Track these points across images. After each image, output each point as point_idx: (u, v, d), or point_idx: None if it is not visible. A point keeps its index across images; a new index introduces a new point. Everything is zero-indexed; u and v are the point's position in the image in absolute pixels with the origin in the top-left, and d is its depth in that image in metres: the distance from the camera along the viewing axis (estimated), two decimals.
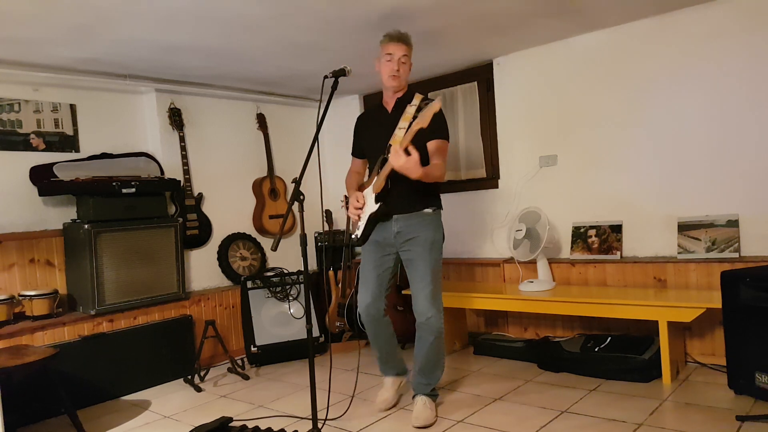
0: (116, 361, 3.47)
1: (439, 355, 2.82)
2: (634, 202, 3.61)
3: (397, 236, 2.77)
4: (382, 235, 2.81)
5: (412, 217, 2.75)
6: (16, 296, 3.37)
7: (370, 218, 2.77)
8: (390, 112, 2.84)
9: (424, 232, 2.74)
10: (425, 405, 2.76)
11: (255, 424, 2.64)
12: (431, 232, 2.76)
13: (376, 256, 2.84)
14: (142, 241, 3.69)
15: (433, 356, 2.79)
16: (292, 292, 4.20)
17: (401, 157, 2.45)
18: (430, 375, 2.84)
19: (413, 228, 2.75)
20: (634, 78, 3.57)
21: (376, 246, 2.84)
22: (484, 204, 4.29)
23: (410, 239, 2.75)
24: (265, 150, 4.73)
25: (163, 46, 3.33)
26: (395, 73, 2.75)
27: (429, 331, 2.73)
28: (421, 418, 2.70)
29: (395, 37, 2.74)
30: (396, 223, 2.77)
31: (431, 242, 2.75)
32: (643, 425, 2.52)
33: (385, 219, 2.78)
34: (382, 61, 2.77)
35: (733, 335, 2.74)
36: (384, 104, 2.89)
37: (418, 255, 2.74)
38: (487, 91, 4.27)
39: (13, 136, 3.52)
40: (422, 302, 2.72)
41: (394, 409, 2.94)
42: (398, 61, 2.73)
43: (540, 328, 3.94)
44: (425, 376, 2.84)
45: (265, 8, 2.86)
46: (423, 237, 2.74)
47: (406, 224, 2.75)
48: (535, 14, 3.27)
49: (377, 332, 2.88)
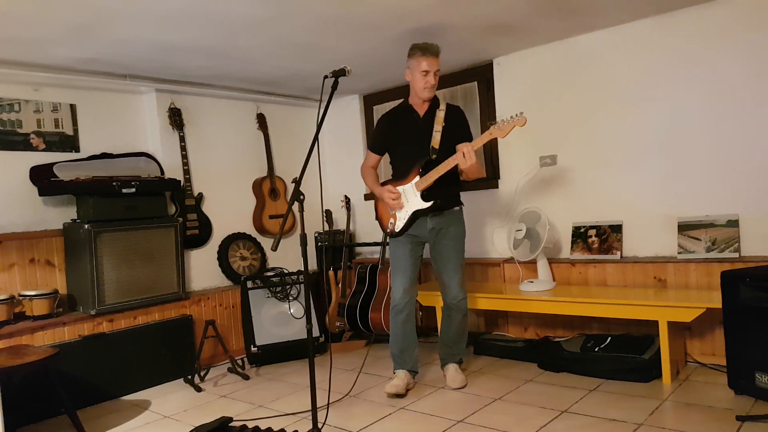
0: (116, 361, 3.47)
1: (465, 329, 3.28)
2: (634, 202, 3.61)
3: (431, 231, 3.09)
4: (418, 230, 3.10)
5: (446, 214, 3.09)
6: (16, 296, 3.37)
7: (415, 213, 3.05)
8: (423, 116, 3.11)
9: (455, 227, 3.12)
10: (458, 370, 3.24)
11: (255, 424, 2.64)
12: (461, 227, 3.16)
13: (410, 246, 3.13)
14: (142, 241, 3.69)
15: (461, 330, 3.25)
16: (292, 292, 4.20)
17: (473, 158, 2.83)
18: (458, 346, 3.28)
19: (447, 223, 3.10)
20: (634, 78, 3.57)
21: (411, 238, 3.13)
22: (484, 204, 4.29)
23: (444, 234, 3.10)
24: (265, 150, 4.72)
25: (163, 46, 3.33)
26: (432, 87, 3.01)
27: (458, 310, 3.17)
28: (457, 380, 3.18)
29: (431, 51, 2.97)
30: (431, 219, 3.07)
31: (461, 234, 3.15)
32: (643, 425, 2.52)
33: (423, 215, 3.05)
34: (415, 74, 3.00)
35: (733, 335, 2.74)
36: (413, 107, 3.14)
37: (451, 247, 3.11)
38: (487, 90, 4.27)
39: (13, 136, 3.52)
40: (455, 287, 3.14)
41: (394, 409, 2.94)
42: (434, 75, 2.99)
43: (540, 328, 3.94)
44: (454, 347, 3.27)
45: (265, 8, 2.86)
46: (454, 231, 3.12)
47: (441, 220, 3.08)
48: (535, 14, 3.27)
49: (405, 322, 3.14)
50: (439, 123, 3.03)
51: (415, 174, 3.04)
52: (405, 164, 3.11)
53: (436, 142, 3.02)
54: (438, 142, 3.02)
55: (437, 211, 3.05)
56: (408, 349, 3.19)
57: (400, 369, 3.20)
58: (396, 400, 3.05)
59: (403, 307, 3.13)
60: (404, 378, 3.15)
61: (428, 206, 3.02)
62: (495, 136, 2.83)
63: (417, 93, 3.07)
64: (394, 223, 3.13)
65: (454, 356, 3.29)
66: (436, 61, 2.98)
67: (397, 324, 3.16)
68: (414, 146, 3.08)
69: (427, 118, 3.09)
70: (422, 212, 3.04)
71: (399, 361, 3.21)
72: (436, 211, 3.05)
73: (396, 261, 3.16)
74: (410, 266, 3.13)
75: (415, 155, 3.06)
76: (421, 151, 3.05)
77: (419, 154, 3.05)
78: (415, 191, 3.04)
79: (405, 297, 3.12)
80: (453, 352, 3.29)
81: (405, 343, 3.18)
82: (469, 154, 2.83)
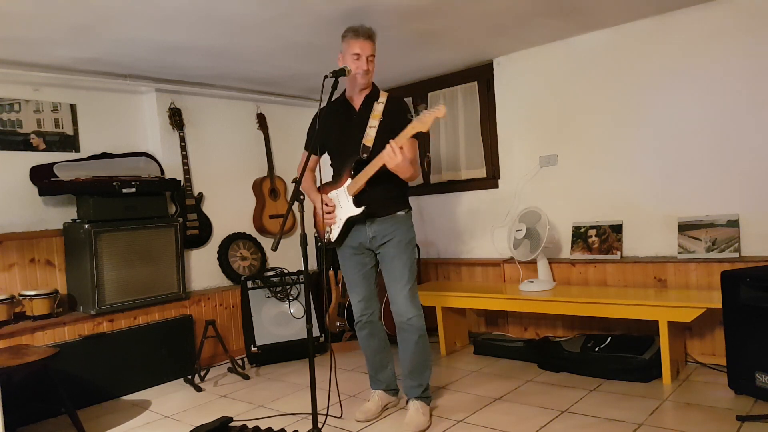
0: (116, 361, 3.47)
1: (425, 354, 2.75)
2: (635, 202, 3.61)
3: (372, 240, 2.72)
4: (357, 240, 2.75)
5: (387, 220, 2.70)
6: (16, 296, 3.37)
7: (348, 221, 2.70)
8: (358, 109, 2.75)
9: (398, 234, 2.70)
10: (418, 410, 2.70)
11: (255, 423, 2.64)
12: (405, 233, 2.72)
13: (355, 259, 2.80)
14: (143, 241, 3.69)
15: (419, 356, 2.73)
16: (292, 292, 4.20)
17: (398, 156, 2.45)
18: (420, 376, 2.76)
19: (388, 230, 2.70)
20: (634, 78, 3.57)
21: (351, 250, 2.79)
22: (484, 204, 4.29)
23: (386, 242, 2.71)
24: (265, 150, 4.73)
25: (163, 46, 3.33)
26: (365, 72, 2.65)
27: (411, 331, 2.70)
28: (412, 424, 2.64)
29: (362, 34, 2.63)
30: (371, 227, 2.71)
31: (406, 242, 2.72)
32: (643, 425, 2.51)
33: (360, 222, 2.72)
34: (347, 58, 2.66)
35: (733, 335, 2.74)
36: (349, 100, 2.78)
37: (394, 256, 2.70)
38: (487, 91, 4.27)
39: (13, 136, 3.52)
40: (402, 303, 2.68)
41: (394, 409, 2.94)
42: (367, 60, 2.64)
43: (540, 328, 3.94)
44: (415, 378, 2.76)
45: (265, 8, 2.86)
46: (398, 238, 2.70)
47: (381, 227, 2.70)
48: (535, 14, 3.27)
49: (370, 337, 2.86)
50: (376, 118, 2.64)
51: (347, 176, 2.69)
52: (340, 165, 2.78)
53: (369, 140, 2.64)
54: (372, 140, 2.63)
55: (373, 216, 2.69)
56: (381, 368, 2.91)
57: (374, 390, 2.94)
58: (396, 400, 3.05)
59: (363, 324, 2.84)
60: (378, 401, 2.89)
61: (359, 212, 2.66)
62: (417, 129, 2.45)
63: (351, 82, 2.71)
64: (330, 231, 2.79)
65: (415, 390, 2.75)
66: (369, 45, 2.64)
67: (361, 340, 2.88)
68: (348, 145, 2.70)
69: (362, 113, 2.72)
70: (356, 219, 2.69)
71: (373, 381, 2.94)
72: (372, 217, 2.69)
73: (345, 276, 2.86)
74: (361, 280, 2.81)
75: (350, 154, 2.70)
76: (356, 149, 2.68)
77: (353, 153, 2.69)
78: (347, 196, 2.69)
79: (363, 312, 2.82)
80: (413, 384, 2.76)
81: (376, 361, 2.90)
82: (393, 152, 2.45)
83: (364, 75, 2.65)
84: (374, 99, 2.70)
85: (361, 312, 2.83)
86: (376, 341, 2.87)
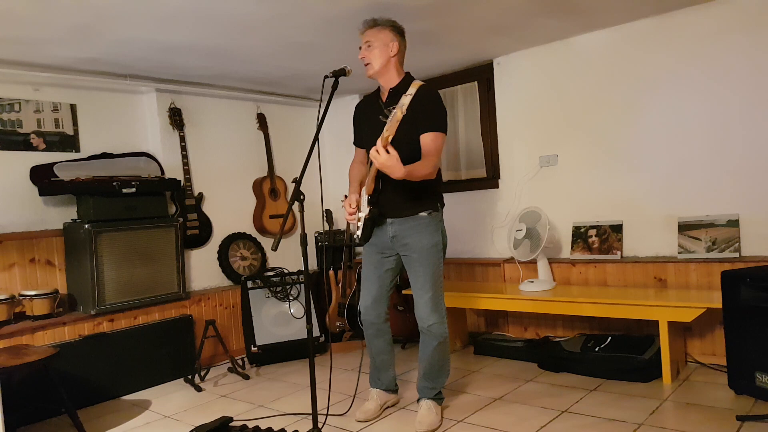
0: (116, 361, 3.47)
1: (444, 360, 2.74)
2: (635, 202, 3.61)
3: (393, 240, 2.67)
4: (379, 239, 2.70)
5: (407, 221, 2.62)
6: (16, 296, 3.37)
7: (366, 221, 2.62)
8: (385, 102, 2.67)
9: (419, 237, 2.61)
10: (430, 409, 2.70)
11: (255, 423, 2.64)
12: (428, 237, 2.62)
13: (376, 257, 2.75)
14: (143, 241, 3.69)
15: (437, 361, 2.72)
16: (292, 291, 4.20)
17: (381, 155, 2.27)
18: (435, 379, 2.76)
19: (407, 232, 2.63)
20: (634, 78, 3.57)
21: (375, 248, 2.75)
22: (484, 204, 4.29)
23: (406, 244, 2.64)
24: (265, 150, 4.73)
25: (163, 46, 3.33)
26: (363, 61, 2.64)
27: (431, 336, 2.67)
28: (425, 422, 2.64)
29: (363, 24, 2.65)
30: (391, 227, 2.65)
31: (429, 247, 2.61)
32: (644, 425, 2.52)
33: (380, 222, 2.67)
34: None
35: (733, 335, 2.74)
36: (380, 93, 2.74)
37: (416, 260, 2.63)
38: (488, 90, 4.27)
39: (13, 135, 3.52)
40: (423, 309, 2.64)
41: (394, 409, 2.94)
42: (368, 48, 2.62)
43: (540, 328, 3.94)
44: (430, 381, 2.76)
45: (265, 8, 2.86)
46: (419, 242, 2.61)
47: (401, 228, 2.63)
48: (535, 14, 3.27)
49: (375, 337, 2.84)
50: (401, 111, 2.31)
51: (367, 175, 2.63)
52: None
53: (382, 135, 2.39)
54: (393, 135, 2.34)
55: (386, 217, 2.63)
56: (383, 369, 2.89)
57: (373, 388, 2.92)
58: (395, 398, 3.05)
59: (369, 324, 2.80)
60: (377, 399, 2.88)
61: (368, 212, 2.59)
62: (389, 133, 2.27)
63: None
64: (358, 228, 2.68)
65: (429, 391, 2.77)
66: (366, 33, 2.62)
67: (367, 338, 2.86)
68: (374, 140, 2.40)
69: (389, 105, 2.59)
70: (374, 219, 2.61)
71: (373, 380, 2.93)
72: (386, 218, 2.64)
73: (363, 271, 2.83)
74: (376, 279, 2.75)
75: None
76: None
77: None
78: (366, 195, 2.62)
79: (369, 313, 2.78)
80: (428, 386, 2.77)
81: (378, 361, 2.88)
82: (377, 152, 2.29)
83: (365, 66, 2.65)
84: (402, 91, 2.38)
85: (365, 312, 2.80)
86: (381, 342, 2.85)
